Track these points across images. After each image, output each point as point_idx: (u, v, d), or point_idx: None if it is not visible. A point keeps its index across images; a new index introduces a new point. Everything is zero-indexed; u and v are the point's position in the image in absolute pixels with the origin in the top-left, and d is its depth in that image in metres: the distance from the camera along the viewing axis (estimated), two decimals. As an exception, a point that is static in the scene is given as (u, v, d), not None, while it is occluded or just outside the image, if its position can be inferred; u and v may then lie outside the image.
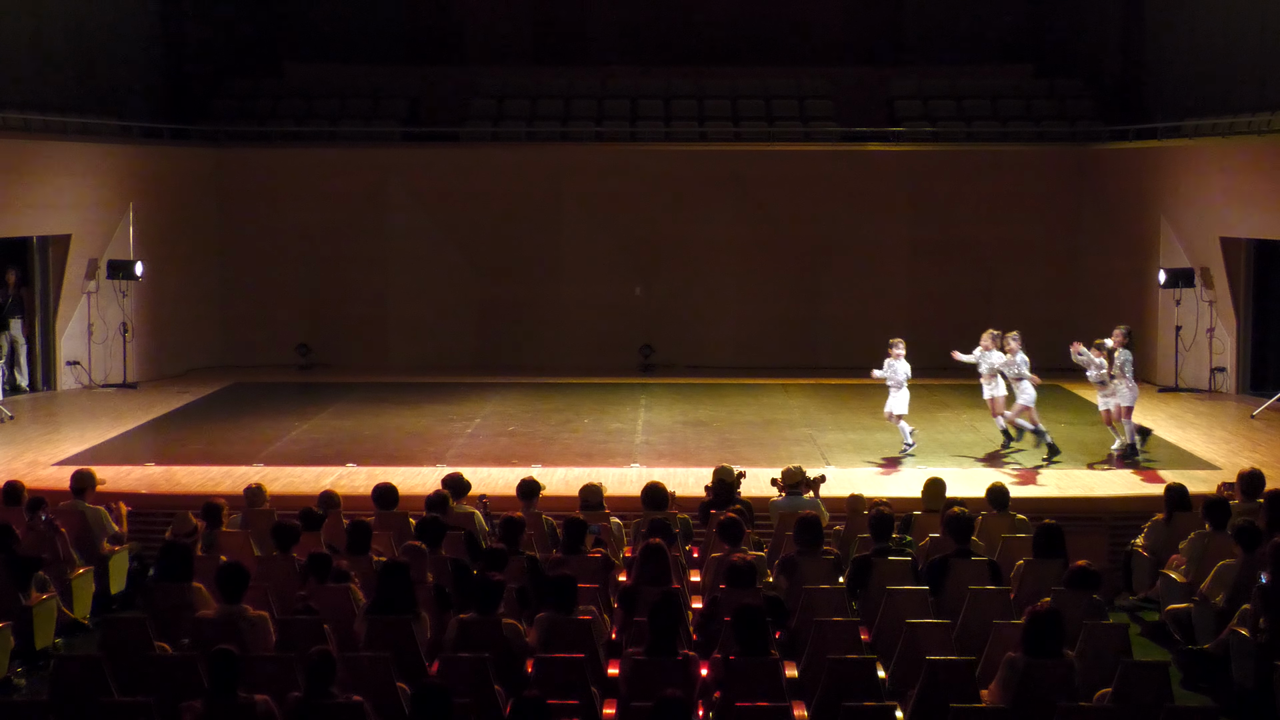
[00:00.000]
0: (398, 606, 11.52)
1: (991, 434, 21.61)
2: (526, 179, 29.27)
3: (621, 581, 13.50)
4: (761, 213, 29.12)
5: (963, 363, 21.22)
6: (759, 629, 10.53)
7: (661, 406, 24.89)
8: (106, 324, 26.58)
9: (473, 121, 30.60)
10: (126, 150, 27.39)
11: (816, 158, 29.38)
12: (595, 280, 29.15)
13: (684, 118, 30.69)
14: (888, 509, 13.89)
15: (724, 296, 29.30)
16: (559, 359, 28.87)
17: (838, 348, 28.84)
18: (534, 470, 18.59)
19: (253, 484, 15.96)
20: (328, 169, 29.22)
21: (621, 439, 22.03)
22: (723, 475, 15.84)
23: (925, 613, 12.30)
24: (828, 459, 20.00)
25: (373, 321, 29.08)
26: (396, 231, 29.20)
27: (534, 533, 14.43)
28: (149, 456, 20.34)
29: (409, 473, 19.09)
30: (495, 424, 23.30)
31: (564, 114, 30.91)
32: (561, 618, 11.42)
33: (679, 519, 14.92)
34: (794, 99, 31.12)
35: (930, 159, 29.33)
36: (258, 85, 31.71)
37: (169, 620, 11.96)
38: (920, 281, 29.06)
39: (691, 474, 18.62)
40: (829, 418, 23.66)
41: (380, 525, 14.47)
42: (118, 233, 26.80)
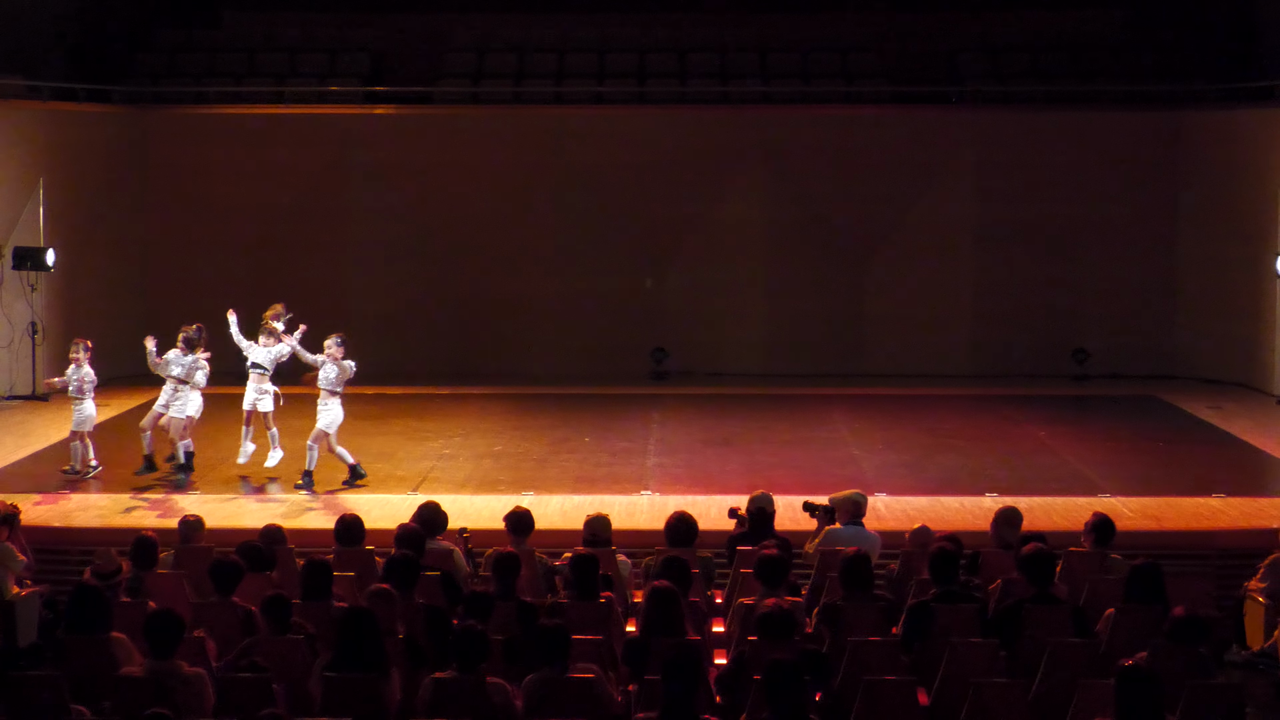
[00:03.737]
0: (362, 662, 11.49)
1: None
2: (514, 149, 29.26)
3: (629, 632, 13.48)
4: (796, 189, 29.12)
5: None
6: (795, 690, 10.51)
7: (677, 422, 24.89)
8: (12, 324, 26.59)
9: (448, 80, 30.58)
10: (34, 114, 27.41)
11: (862, 122, 29.36)
12: (597, 271, 29.15)
13: (703, 74, 30.66)
14: (951, 545, 13.85)
15: (751, 290, 29.30)
16: (554, 365, 28.86)
17: (888, 351, 28.84)
18: (525, 498, 18.57)
19: (189, 515, 15.95)
20: (275, 138, 29.23)
21: (630, 461, 22.03)
22: (761, 504, 15.85)
23: (996, 670, 12.27)
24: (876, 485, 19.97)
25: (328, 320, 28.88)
26: (357, 212, 29.20)
27: (527, 573, 14.41)
28: (61, 483, 20.35)
29: (375, 501, 19.13)
30: (477, 443, 23.31)
31: (558, 70, 30.89)
32: (556, 676, 11.41)
33: (699, 557, 14.90)
34: (835, 51, 31.10)
35: (999, 124, 29.30)
36: (191, 37, 31.71)
37: (87, 679, 11.94)
38: (987, 271, 29.05)
39: (714, 503, 18.60)
40: (880, 435, 23.65)
41: (341, 565, 14.45)
42: (24, 214, 26.82)
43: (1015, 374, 28.31)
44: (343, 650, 11.58)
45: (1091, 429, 24.55)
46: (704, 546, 15.61)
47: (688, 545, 14.89)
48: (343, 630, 11.68)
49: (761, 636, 11.95)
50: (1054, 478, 20.80)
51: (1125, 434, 24.02)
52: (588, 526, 15.50)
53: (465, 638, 11.43)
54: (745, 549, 14.96)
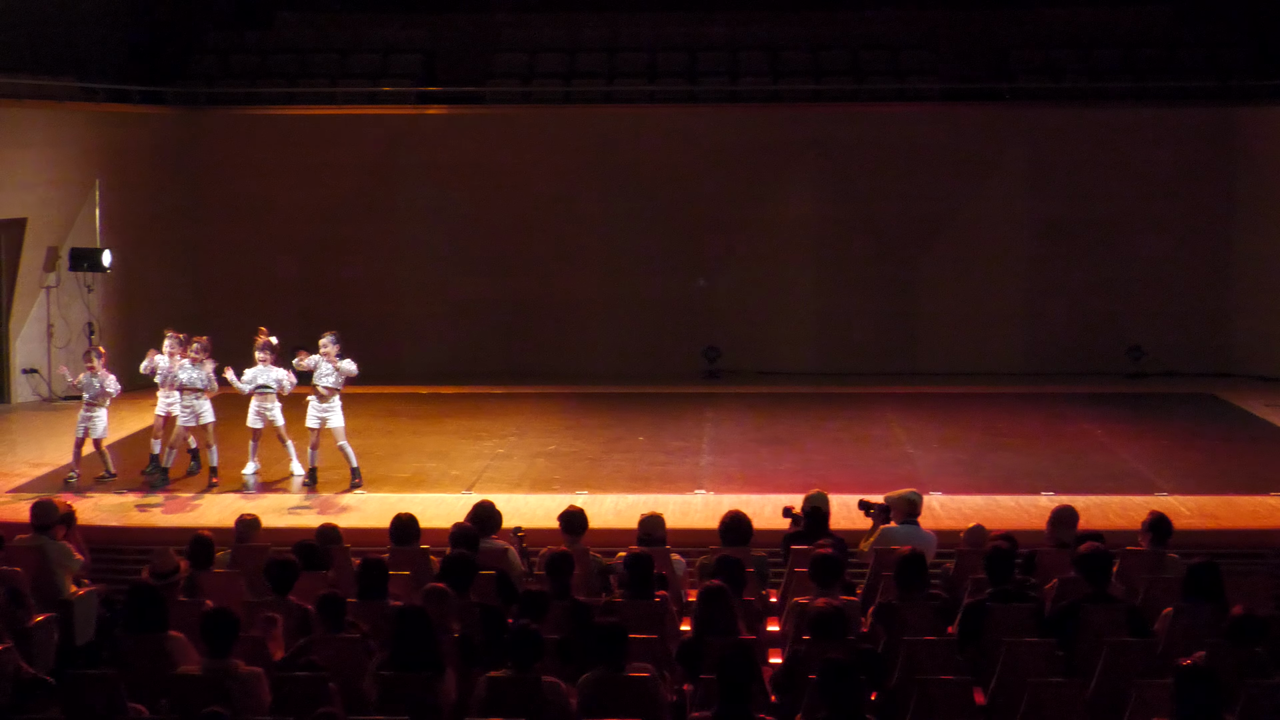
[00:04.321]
0: (417, 661, 11.50)
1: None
2: (564, 148, 29.29)
3: (683, 632, 13.47)
4: (848, 187, 29.07)
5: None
6: (850, 689, 10.46)
7: (730, 421, 24.89)
8: (69, 324, 26.76)
9: (499, 80, 30.63)
10: (90, 116, 27.56)
11: (913, 119, 29.30)
12: (649, 270, 29.15)
13: (754, 73, 30.64)
14: (1007, 544, 13.80)
15: (803, 289, 29.26)
16: (606, 364, 28.88)
17: (941, 349, 28.77)
18: (579, 497, 18.59)
19: (245, 515, 16.00)
20: (327, 138, 29.32)
21: (683, 460, 22.04)
22: (817, 503, 15.81)
23: (1052, 669, 12.21)
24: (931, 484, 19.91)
25: (382, 320, 29.11)
26: (409, 212, 29.28)
27: (580, 572, 14.40)
28: (120, 482, 20.46)
29: (430, 500, 19.17)
30: (531, 442, 23.35)
31: (608, 70, 30.91)
32: (611, 675, 11.39)
33: (754, 556, 14.88)
34: (886, 49, 31.03)
35: (1051, 120, 29.20)
36: (243, 39, 31.84)
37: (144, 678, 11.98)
38: (1040, 268, 28.94)
39: (768, 501, 18.56)
40: (934, 433, 23.59)
41: (397, 564, 14.47)
42: (81, 216, 26.97)
43: (1070, 372, 28.20)
44: (398, 649, 11.59)
45: (1147, 427, 24.45)
46: (758, 545, 15.58)
47: (742, 544, 14.87)
48: (398, 629, 11.68)
49: (816, 636, 11.90)
50: (1110, 476, 20.72)
51: (1181, 432, 23.93)
52: (642, 525, 15.49)
53: (520, 637, 11.42)
54: (800, 548, 14.94)
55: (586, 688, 11.35)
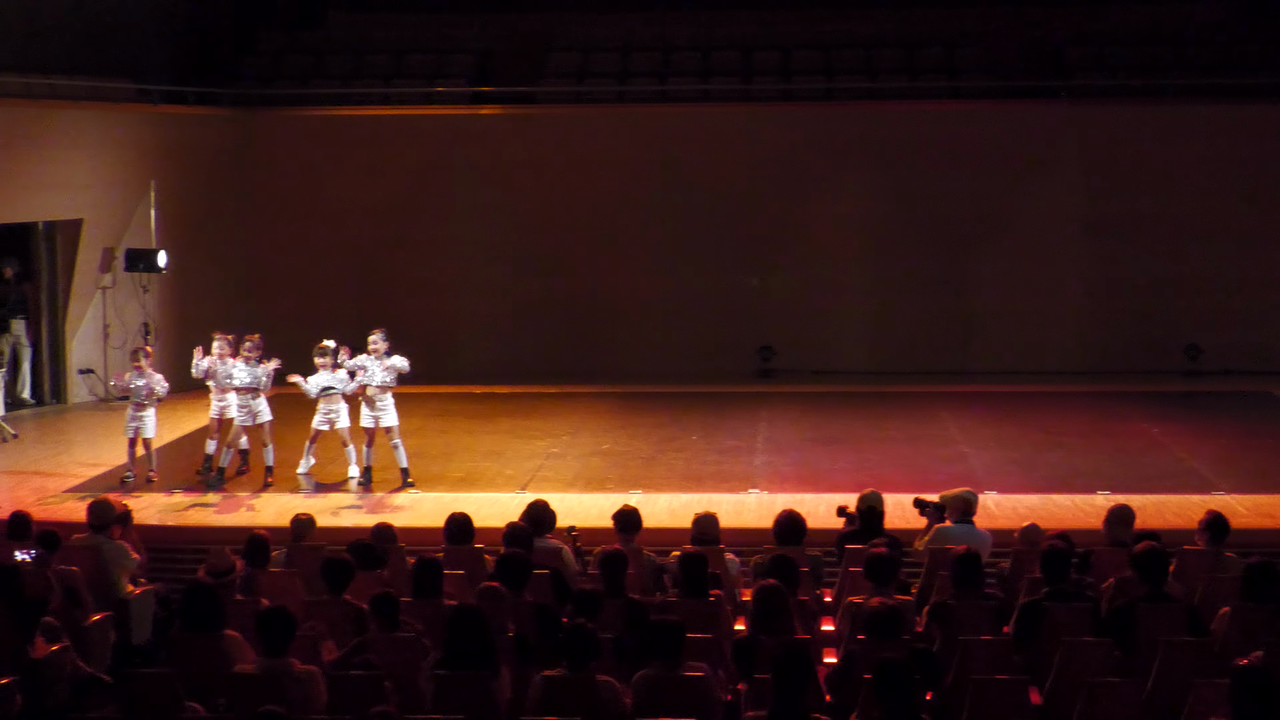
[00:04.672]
0: (472, 660, 11.52)
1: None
2: (618, 147, 29.30)
3: (738, 631, 13.47)
4: (901, 186, 28.99)
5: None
6: (905, 689, 10.45)
7: (784, 420, 24.86)
8: (125, 325, 26.90)
9: (552, 79, 30.67)
10: (145, 118, 27.70)
11: (967, 117, 29.21)
12: (702, 269, 29.13)
13: (807, 71, 30.60)
14: (1063, 543, 13.75)
15: (857, 288, 29.20)
16: (660, 363, 28.87)
17: (996, 348, 28.68)
18: (633, 497, 18.60)
19: (301, 514, 16.06)
20: (381, 138, 29.39)
21: (738, 459, 22.03)
22: (871, 502, 15.79)
23: (1109, 669, 12.17)
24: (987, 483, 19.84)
25: (436, 319, 29.12)
26: (463, 212, 29.32)
27: (634, 571, 14.41)
28: (176, 482, 20.57)
29: (484, 500, 19.22)
30: (585, 441, 23.38)
31: (661, 69, 30.92)
32: (666, 675, 11.39)
33: (808, 556, 14.86)
34: (940, 46, 30.95)
35: (1106, 118, 29.03)
36: (297, 39, 31.95)
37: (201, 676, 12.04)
38: (1095, 267, 28.81)
39: (822, 501, 18.56)
40: (990, 432, 23.52)
41: (451, 563, 14.51)
42: (137, 216, 27.12)
43: (1126, 370, 28.06)
44: (453, 648, 11.62)
45: (1204, 426, 24.32)
46: (812, 545, 15.57)
47: (796, 543, 14.86)
48: (453, 628, 11.71)
49: (871, 635, 11.89)
50: (1167, 475, 20.63)
51: (1239, 431, 23.82)
52: (696, 525, 15.50)
53: (575, 636, 11.43)
54: (854, 547, 14.93)
55: (641, 686, 11.35)
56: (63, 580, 14.67)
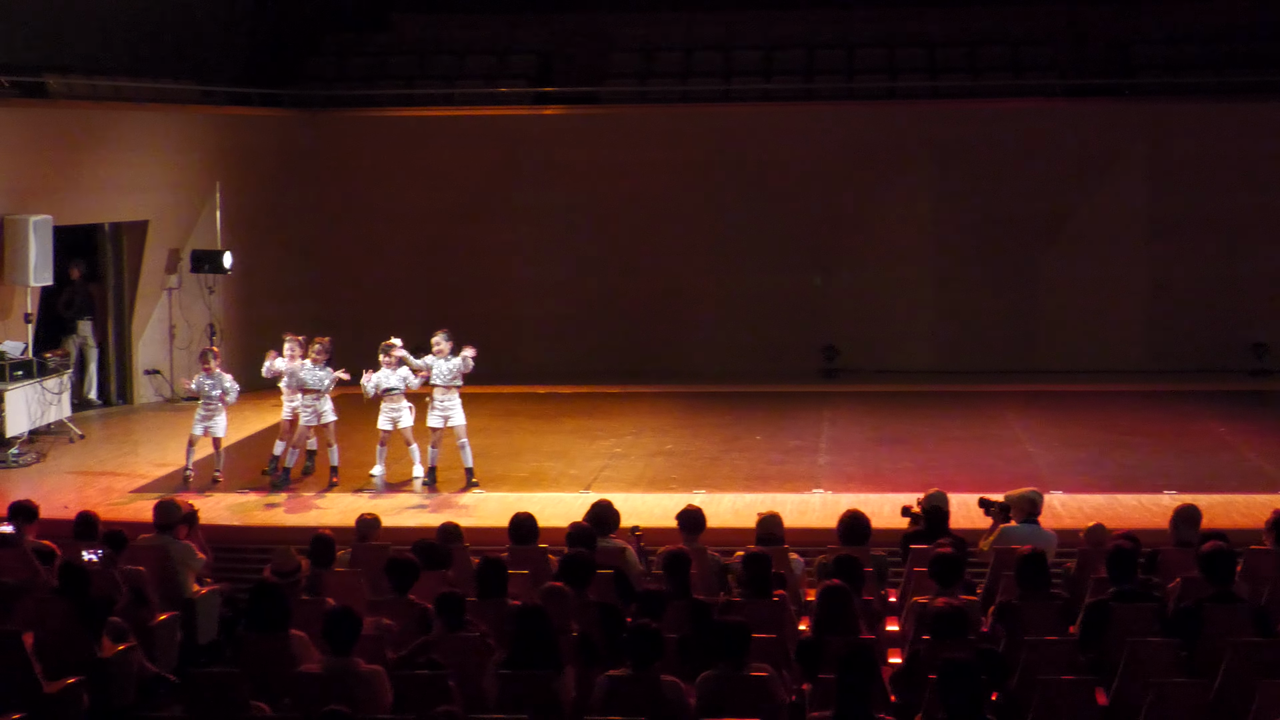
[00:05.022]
0: (536, 660, 11.54)
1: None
2: (681, 147, 29.29)
3: (802, 631, 13.46)
4: (964, 184, 28.90)
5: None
6: (970, 689, 10.42)
7: (848, 420, 24.84)
8: (191, 326, 27.04)
9: (615, 79, 30.70)
10: (210, 119, 27.84)
11: (1032, 116, 29.10)
12: (766, 269, 29.10)
13: (870, 70, 30.54)
14: (1129, 543, 13.70)
15: (921, 287, 29.15)
16: (723, 363, 28.86)
17: (1061, 346, 28.56)
18: (697, 497, 18.60)
19: (366, 514, 16.12)
20: (444, 139, 29.46)
21: (801, 459, 22.01)
22: (936, 502, 15.76)
23: (1176, 670, 12.11)
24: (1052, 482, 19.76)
25: (500, 320, 29.17)
26: (526, 213, 29.37)
27: (698, 571, 14.41)
28: (242, 482, 20.68)
29: (548, 500, 19.26)
30: (649, 441, 23.39)
31: (724, 68, 30.91)
32: (731, 674, 11.39)
33: (872, 556, 14.84)
34: (1004, 44, 30.83)
35: (1173, 116, 28.87)
36: (360, 41, 32.07)
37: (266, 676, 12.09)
38: (1162, 265, 28.65)
39: (886, 500, 18.50)
40: (1055, 432, 23.43)
41: (516, 563, 14.54)
42: (202, 217, 27.25)
43: (1192, 369, 27.88)
44: (517, 648, 11.64)
45: (1272, 424, 24.15)
46: (877, 545, 15.55)
47: (861, 543, 14.84)
48: (517, 628, 11.73)
49: (936, 635, 11.87)
50: (1234, 474, 20.51)
51: (1307, 429, 23.69)
52: (760, 524, 15.49)
53: (639, 635, 11.44)
54: (919, 547, 14.90)
55: (706, 686, 11.35)
56: (129, 580, 14.77)
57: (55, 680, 12.63)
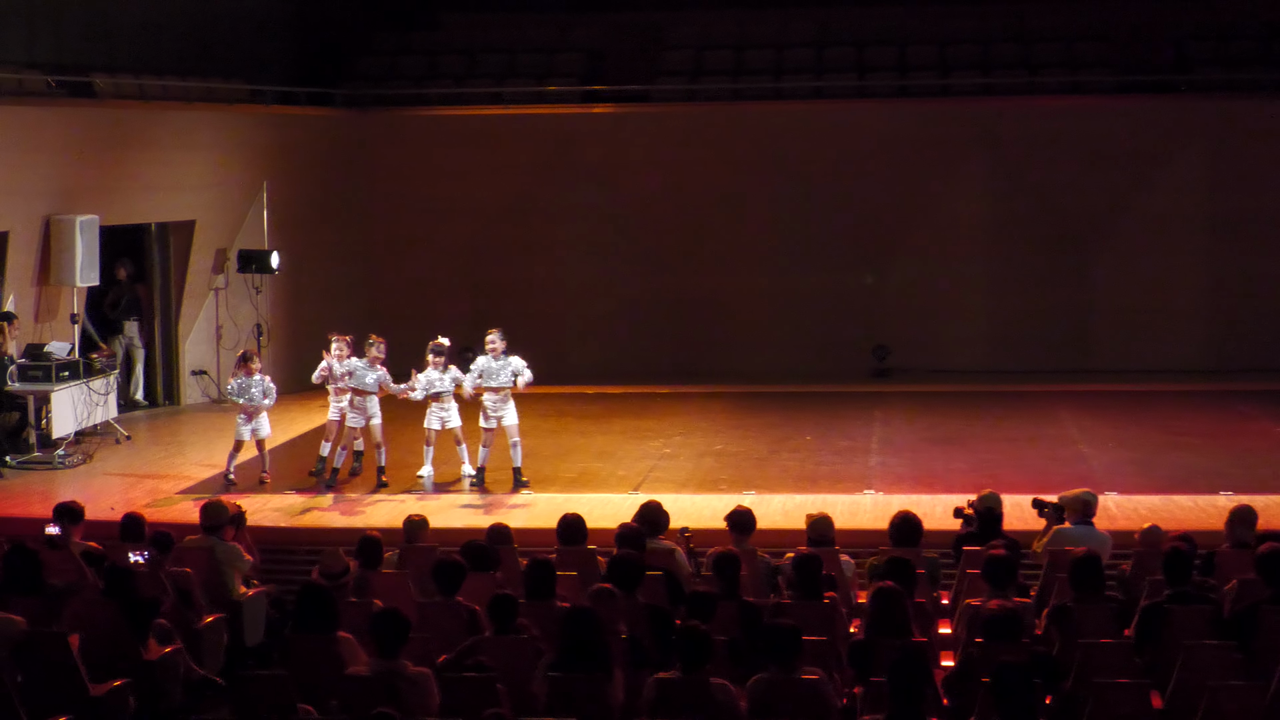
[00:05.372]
0: (585, 662, 11.54)
1: None
2: (732, 145, 29.27)
3: (853, 634, 13.42)
4: (1019, 181, 28.81)
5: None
6: (1024, 692, 10.39)
7: (900, 420, 24.79)
8: (238, 326, 27.12)
9: (665, 78, 30.69)
10: (258, 119, 27.92)
11: (1087, 112, 28.97)
12: (817, 267, 29.06)
13: (922, 66, 30.46)
14: (1185, 545, 13.63)
15: (974, 285, 29.06)
16: (773, 363, 28.84)
17: (1116, 346, 28.44)
18: (746, 498, 18.57)
19: (414, 515, 16.13)
20: (494, 138, 29.50)
21: (852, 459, 21.97)
22: (990, 503, 15.70)
23: (1232, 673, 12.04)
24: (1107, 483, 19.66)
25: (549, 319, 29.18)
26: (576, 211, 29.38)
27: (748, 573, 14.39)
28: (289, 483, 20.72)
29: (596, 501, 19.23)
30: (698, 442, 23.37)
31: (776, 66, 30.87)
32: (783, 677, 11.36)
33: (924, 557, 14.79)
34: (1058, 41, 30.69)
35: (1231, 112, 28.71)
36: (409, 40, 32.14)
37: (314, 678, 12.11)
38: (1218, 262, 28.49)
39: (938, 502, 18.48)
40: (1110, 433, 23.33)
41: (564, 564, 14.53)
42: (249, 217, 27.34)
43: (1249, 369, 27.72)
44: (566, 650, 11.63)
45: (1332, 425, 24.05)
46: (929, 546, 15.50)
47: (912, 545, 14.80)
48: (566, 630, 11.73)
49: (989, 638, 11.83)
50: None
51: (1367, 430, 23.53)
52: (810, 526, 15.46)
53: (689, 638, 11.42)
54: (972, 549, 14.84)
55: (756, 689, 11.33)
56: (176, 582, 14.80)
57: (101, 683, 12.70)
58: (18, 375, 22.31)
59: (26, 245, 23.35)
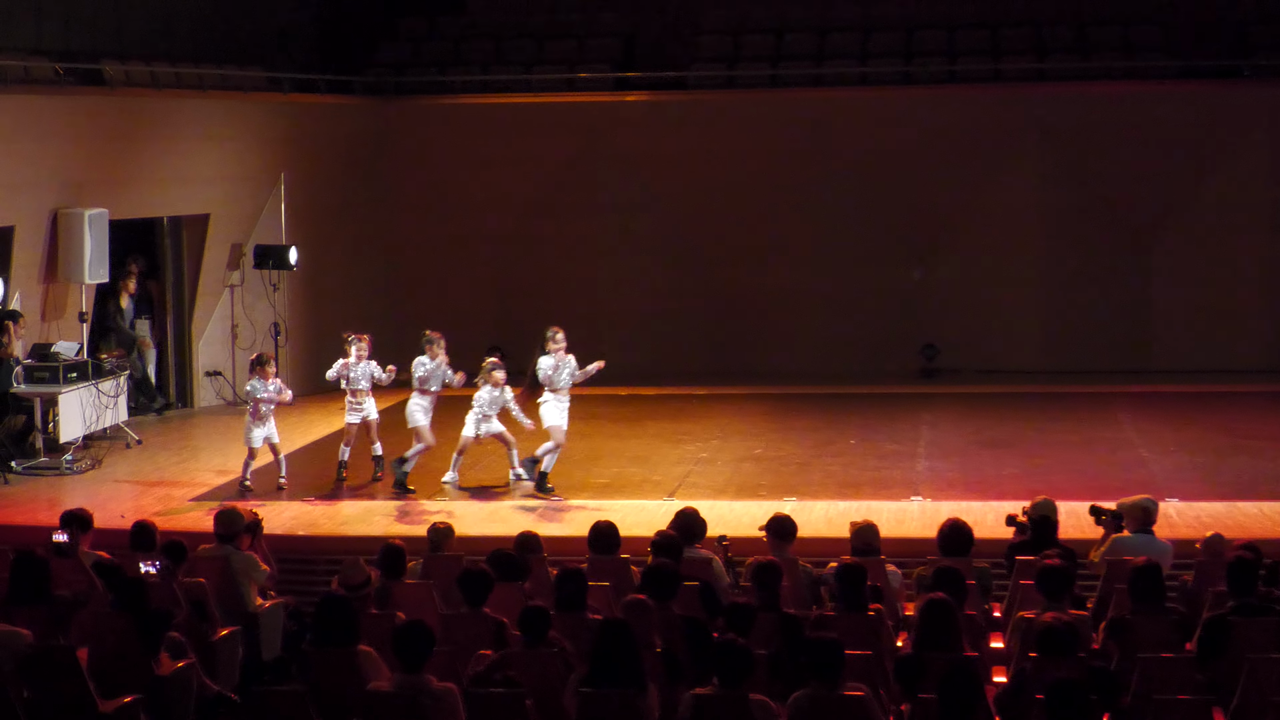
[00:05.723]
0: (618, 677, 11.53)
1: None
2: (772, 134, 29.26)
3: (900, 648, 13.41)
4: (1074, 171, 28.76)
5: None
6: (1080, 709, 10.39)
7: (949, 422, 24.76)
8: (254, 325, 27.17)
9: (702, 64, 30.67)
10: (276, 107, 27.98)
11: (1144, 99, 28.91)
12: (861, 263, 29.06)
13: (973, 51, 30.40)
14: (1250, 554, 13.59)
15: (1027, 281, 29.02)
16: (815, 363, 28.83)
17: (1178, 344, 28.36)
18: (787, 504, 18.54)
19: (439, 523, 16.14)
20: (522, 127, 29.52)
21: (899, 464, 21.96)
22: (1044, 510, 15.66)
23: (1300, 688, 12.02)
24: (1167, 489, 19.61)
25: (581, 318, 28.98)
26: (608, 205, 29.40)
27: (789, 583, 14.38)
28: (308, 490, 20.75)
29: (630, 508, 19.26)
30: (736, 445, 23.38)
31: (818, 51, 30.84)
32: (825, 694, 11.35)
33: (975, 568, 14.77)
34: (1115, 25, 30.65)
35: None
36: (434, 25, 32.18)
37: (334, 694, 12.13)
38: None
39: (990, 509, 18.47)
40: (1171, 436, 23.27)
41: (596, 574, 14.53)
42: (266, 211, 27.39)
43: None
44: (598, 664, 11.63)
45: (1404, 428, 23.97)
46: (980, 556, 15.47)
47: (962, 554, 14.78)
48: (598, 643, 11.72)
49: (1043, 653, 11.81)
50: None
51: None
52: (855, 534, 15.45)
53: (726, 652, 11.41)
54: (1025, 559, 14.82)
55: (798, 707, 11.31)
56: (189, 593, 14.83)
57: (111, 699, 12.71)
58: (24, 377, 22.37)
59: (33, 240, 23.42)
